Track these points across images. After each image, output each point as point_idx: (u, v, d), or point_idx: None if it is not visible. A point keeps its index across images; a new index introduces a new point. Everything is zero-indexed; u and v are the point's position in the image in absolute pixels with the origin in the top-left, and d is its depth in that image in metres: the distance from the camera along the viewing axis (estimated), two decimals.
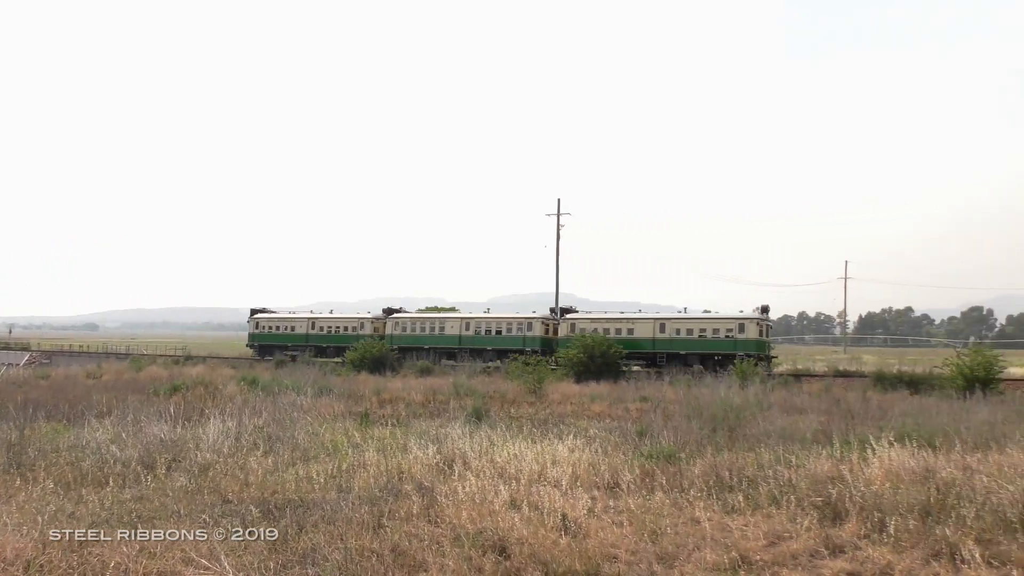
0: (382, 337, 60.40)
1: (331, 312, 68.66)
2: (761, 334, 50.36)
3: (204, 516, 10.13)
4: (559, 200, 70.59)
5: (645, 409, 24.95)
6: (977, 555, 8.26)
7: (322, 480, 12.43)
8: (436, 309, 73.87)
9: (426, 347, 59.38)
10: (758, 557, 8.65)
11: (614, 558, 8.73)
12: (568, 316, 56.87)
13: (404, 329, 61.68)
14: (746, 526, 9.90)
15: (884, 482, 11.63)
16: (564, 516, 10.00)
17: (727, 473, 12.57)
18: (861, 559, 8.57)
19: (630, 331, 53.09)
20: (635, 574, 8.30)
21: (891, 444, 13.80)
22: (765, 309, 51.95)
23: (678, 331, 52.12)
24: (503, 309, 68.11)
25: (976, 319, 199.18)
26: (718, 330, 51.00)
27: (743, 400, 23.72)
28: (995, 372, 32.21)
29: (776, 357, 53.81)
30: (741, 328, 50.32)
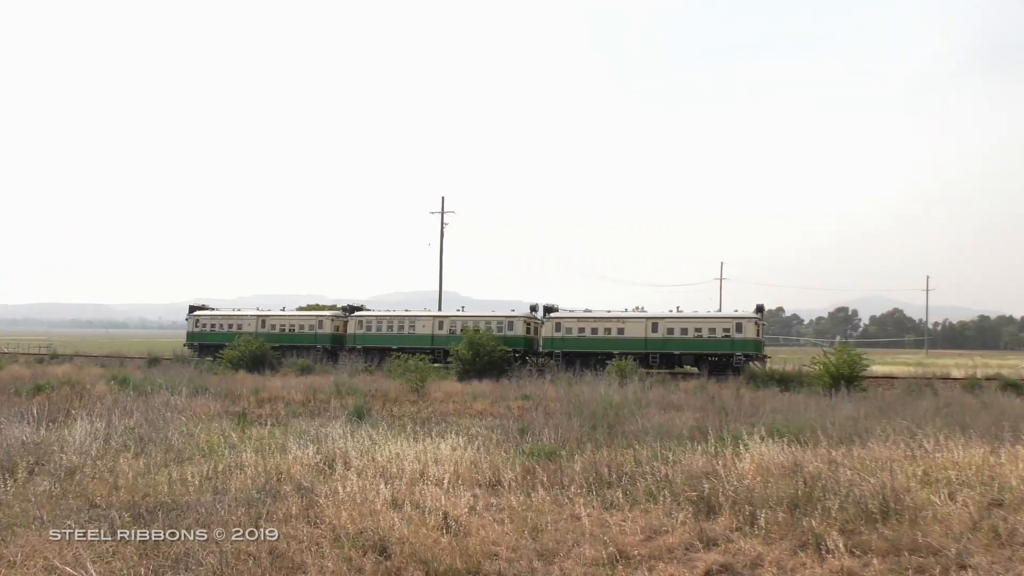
0: (341, 337, 58.08)
1: (283, 309, 63.34)
2: (758, 333, 50.09)
3: (69, 521, 9.66)
4: (443, 198, 69.91)
5: (527, 407, 25.12)
6: (841, 545, 8.65)
7: (197, 482, 12.03)
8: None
9: (394, 347, 53.91)
10: (635, 552, 8.83)
11: (495, 556, 8.77)
12: (552, 315, 54.50)
13: (369, 328, 58.06)
14: (624, 521, 10.10)
15: (755, 476, 12.07)
16: (446, 515, 9.98)
17: (606, 470, 12.78)
18: (733, 551, 8.86)
19: (620, 331, 51.92)
20: (515, 571, 8.36)
21: (762, 440, 14.33)
22: (760, 308, 51.96)
23: (671, 330, 51.04)
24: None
25: (842, 319, 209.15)
26: (715, 329, 50.44)
27: (622, 398, 24.20)
28: (859, 370, 33.86)
29: (769, 357, 53.11)
30: (739, 328, 49.87)
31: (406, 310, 60.02)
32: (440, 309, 62.21)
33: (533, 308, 56.78)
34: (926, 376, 43.82)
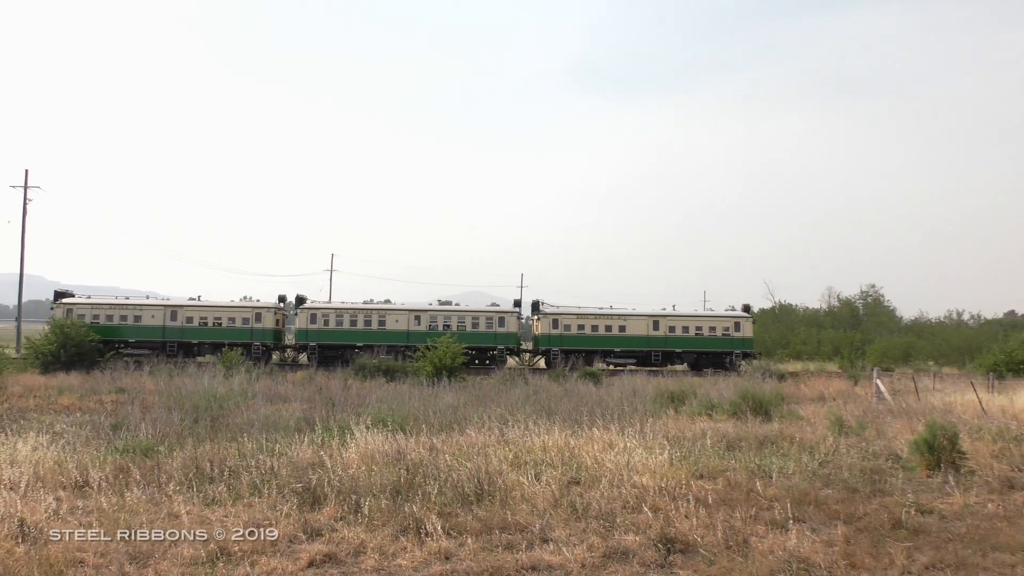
0: (278, 332, 51.15)
1: (199, 298, 52.67)
2: (752, 332, 52.57)
3: None
4: (27, 171, 60.95)
5: (122, 401, 23.36)
6: (439, 527, 9.07)
7: None
8: None
9: (359, 344, 49.30)
10: (238, 548, 8.55)
11: (81, 563, 8.00)
12: (546, 311, 51.41)
13: (327, 322, 50.50)
14: (227, 517, 9.73)
15: (360, 465, 12.26)
16: (22, 522, 8.93)
17: (208, 465, 12.24)
18: (337, 540, 8.92)
19: (622, 328, 51.40)
20: None
21: (368, 429, 14.61)
22: (747, 308, 54.44)
23: (672, 329, 51.76)
24: None
25: None
26: (715, 328, 52.11)
27: (227, 390, 23.42)
28: (459, 360, 35.87)
29: (760, 354, 54.00)
30: (737, 326, 52.18)
31: (365, 302, 53.87)
32: (21, 293, 55.61)
33: (517, 303, 55.06)
34: (520, 367, 47.43)
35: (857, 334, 78.36)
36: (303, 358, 51.04)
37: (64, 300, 50.69)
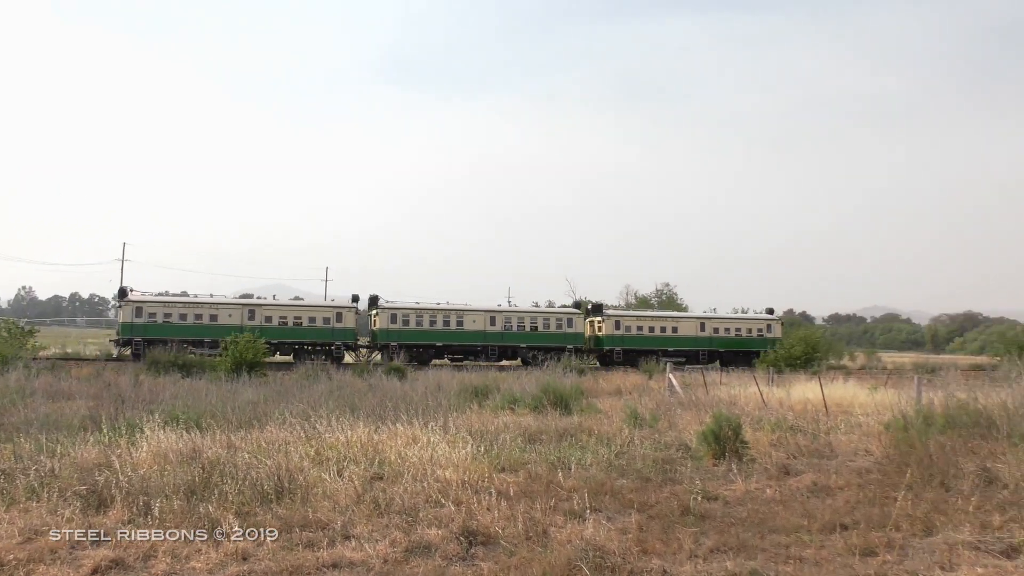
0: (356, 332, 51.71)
1: (274, 298, 53.32)
2: (780, 332, 59.19)
3: None
4: None
5: None
6: (236, 527, 8.78)
7: None
8: None
9: (438, 344, 52.08)
10: (12, 556, 7.93)
11: None
12: (609, 313, 56.27)
13: (407, 322, 51.87)
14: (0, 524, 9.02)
15: (152, 465, 11.68)
16: None
17: None
18: (125, 544, 8.44)
19: (674, 329, 57.16)
20: None
21: (161, 427, 13.93)
22: (771, 311, 62.71)
23: (716, 330, 57.71)
24: None
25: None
26: (751, 330, 59.52)
27: (3, 385, 21.78)
28: (261, 356, 34.93)
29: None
30: (769, 327, 59.77)
31: (446, 302, 55.60)
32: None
33: (576, 304, 60.55)
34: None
35: None
36: (377, 356, 50.72)
37: (132, 298, 48.17)
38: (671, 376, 28.51)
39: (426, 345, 52.07)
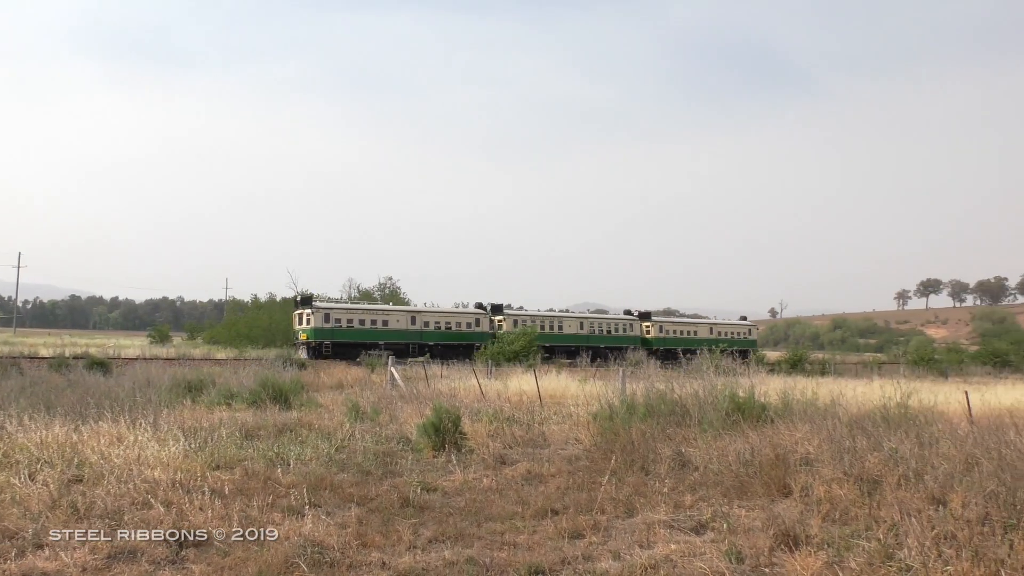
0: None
1: (435, 306, 70.14)
2: (757, 335, 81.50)
3: None
4: None
5: None
6: None
7: None
8: None
9: (547, 345, 59.95)
10: None
11: None
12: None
13: (522, 324, 62.09)
14: None
15: None
16: None
17: None
18: None
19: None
20: None
21: None
22: (744, 318, 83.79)
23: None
24: None
25: None
26: (739, 332, 78.59)
27: None
28: None
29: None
30: (749, 332, 79.88)
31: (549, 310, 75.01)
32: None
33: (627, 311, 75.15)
34: (13, 355, 42.47)
35: None
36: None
37: (318, 304, 57.98)
38: (392, 369, 28.73)
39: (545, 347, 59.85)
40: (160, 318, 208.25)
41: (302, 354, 52.85)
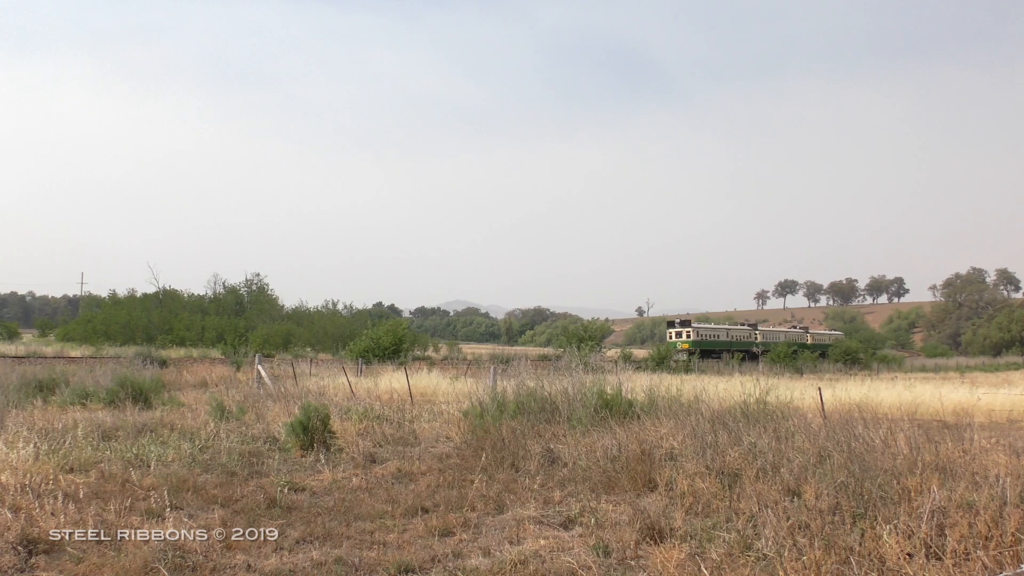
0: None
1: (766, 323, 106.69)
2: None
3: None
4: None
5: None
6: None
7: None
8: None
9: (717, 350, 78.60)
10: None
11: None
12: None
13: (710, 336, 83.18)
14: None
15: None
16: None
17: None
18: None
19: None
20: None
21: None
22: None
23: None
24: None
25: None
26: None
27: None
28: None
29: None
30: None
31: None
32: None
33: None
34: None
35: (242, 321, 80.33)
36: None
37: (696, 325, 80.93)
38: (260, 368, 28.03)
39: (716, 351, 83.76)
40: (7, 314, 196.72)
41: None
